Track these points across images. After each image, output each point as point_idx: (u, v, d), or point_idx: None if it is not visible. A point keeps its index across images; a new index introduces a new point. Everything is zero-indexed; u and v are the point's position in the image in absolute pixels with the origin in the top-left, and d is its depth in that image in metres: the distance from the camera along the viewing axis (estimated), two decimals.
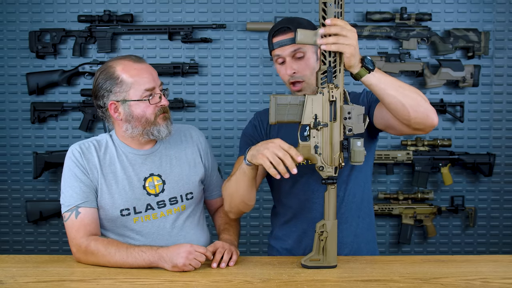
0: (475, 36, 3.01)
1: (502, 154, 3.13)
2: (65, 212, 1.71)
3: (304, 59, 1.74)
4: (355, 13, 3.09)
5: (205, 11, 3.10)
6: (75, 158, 1.73)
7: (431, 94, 3.10)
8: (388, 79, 1.54)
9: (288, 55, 1.74)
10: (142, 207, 1.76)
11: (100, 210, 1.74)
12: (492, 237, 3.15)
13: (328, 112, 1.53)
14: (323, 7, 1.48)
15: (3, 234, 3.19)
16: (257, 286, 1.49)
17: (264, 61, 3.11)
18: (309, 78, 1.75)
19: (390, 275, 1.56)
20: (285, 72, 1.76)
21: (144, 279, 1.53)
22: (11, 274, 1.57)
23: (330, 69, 1.52)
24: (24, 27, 3.11)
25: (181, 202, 1.81)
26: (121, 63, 1.72)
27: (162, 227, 1.78)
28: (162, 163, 1.80)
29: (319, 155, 1.54)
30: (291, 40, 1.72)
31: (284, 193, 1.84)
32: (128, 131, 1.74)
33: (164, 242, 1.76)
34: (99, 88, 1.73)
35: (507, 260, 1.73)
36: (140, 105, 1.71)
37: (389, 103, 1.54)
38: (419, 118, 1.55)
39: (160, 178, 1.78)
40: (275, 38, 1.76)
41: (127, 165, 1.76)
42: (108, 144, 1.78)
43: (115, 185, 1.74)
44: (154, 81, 1.73)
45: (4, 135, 3.15)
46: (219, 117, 3.13)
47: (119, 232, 1.77)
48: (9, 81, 3.14)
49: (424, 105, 1.55)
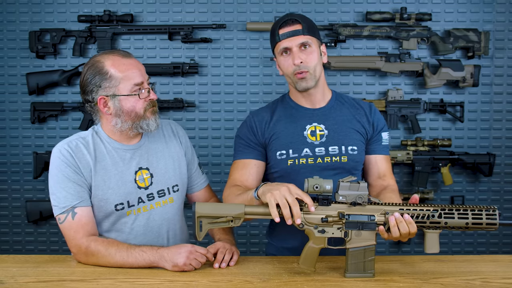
0: (475, 36, 3.00)
1: (502, 154, 3.13)
2: (59, 214, 1.69)
3: (309, 51, 1.77)
4: (355, 13, 3.09)
5: (205, 11, 3.10)
6: (65, 158, 1.71)
7: (431, 94, 3.10)
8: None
9: (296, 45, 1.76)
10: (135, 200, 1.77)
11: (95, 207, 1.74)
12: (492, 237, 3.15)
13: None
14: None
15: (3, 234, 3.19)
16: (257, 286, 1.49)
17: (264, 61, 3.11)
18: (314, 69, 1.78)
19: (390, 275, 1.56)
20: (291, 63, 1.77)
21: (144, 279, 1.53)
22: (11, 274, 1.57)
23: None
24: (24, 27, 3.11)
25: (169, 195, 1.83)
26: (110, 58, 1.73)
27: (152, 219, 1.80)
28: (149, 156, 1.82)
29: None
30: (299, 32, 1.75)
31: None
32: (118, 125, 1.75)
33: (154, 235, 1.79)
34: (87, 83, 1.73)
35: (507, 260, 1.73)
36: (129, 99, 1.72)
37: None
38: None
39: (148, 171, 1.80)
40: (282, 30, 1.77)
41: (118, 160, 1.77)
42: (95, 141, 1.77)
43: (108, 180, 1.74)
44: (143, 76, 1.75)
45: (4, 135, 3.15)
46: (219, 117, 3.13)
47: (112, 229, 1.77)
48: (9, 81, 3.14)
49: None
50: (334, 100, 1.90)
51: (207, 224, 1.56)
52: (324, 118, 1.85)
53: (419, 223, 1.52)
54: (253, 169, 1.85)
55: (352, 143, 1.83)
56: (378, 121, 1.89)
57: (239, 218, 1.55)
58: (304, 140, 1.82)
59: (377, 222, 1.53)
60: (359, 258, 1.53)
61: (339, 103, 1.90)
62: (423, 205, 1.54)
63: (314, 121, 1.85)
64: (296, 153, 1.81)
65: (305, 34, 1.76)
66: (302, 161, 1.81)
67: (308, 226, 1.55)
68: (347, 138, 1.83)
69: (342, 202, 1.53)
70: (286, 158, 1.82)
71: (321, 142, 1.82)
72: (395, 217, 1.50)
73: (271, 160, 1.85)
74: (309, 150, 1.81)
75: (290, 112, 1.87)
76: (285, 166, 1.82)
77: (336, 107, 1.88)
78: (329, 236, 1.55)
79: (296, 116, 1.86)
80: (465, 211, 1.52)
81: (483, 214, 1.51)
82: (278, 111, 1.89)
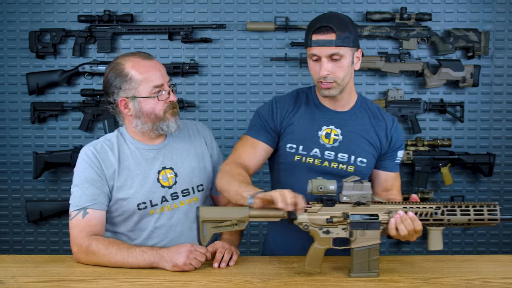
0: (475, 36, 3.00)
1: (502, 154, 3.13)
2: (72, 211, 1.72)
3: (339, 62, 1.71)
4: (355, 13, 3.08)
5: (205, 11, 3.10)
6: (89, 159, 1.74)
7: (431, 94, 3.10)
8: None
9: (326, 55, 1.70)
10: (158, 199, 1.79)
11: (118, 208, 1.76)
12: (492, 237, 3.14)
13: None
14: None
15: (3, 234, 3.19)
16: (257, 286, 1.49)
17: (264, 61, 3.11)
18: (341, 80, 1.73)
19: (390, 275, 1.57)
20: (318, 71, 1.73)
21: (144, 279, 1.53)
22: (11, 274, 1.57)
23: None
24: (24, 27, 3.11)
25: (193, 194, 1.84)
26: (131, 60, 1.75)
27: (176, 218, 1.81)
28: (173, 156, 1.84)
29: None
30: (331, 42, 1.68)
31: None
32: (138, 126, 1.78)
33: (178, 233, 1.80)
34: (109, 85, 1.76)
35: (507, 260, 1.73)
36: (149, 101, 1.74)
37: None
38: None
39: (173, 171, 1.82)
40: (315, 36, 1.70)
41: (141, 160, 1.79)
42: (119, 142, 1.81)
43: (131, 180, 1.76)
44: (163, 77, 1.76)
45: (4, 135, 3.15)
46: (219, 117, 3.13)
47: (135, 228, 1.79)
48: (9, 81, 3.14)
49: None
50: (358, 107, 1.85)
51: (212, 228, 1.56)
52: (343, 123, 1.81)
53: (423, 221, 1.54)
54: (259, 152, 1.83)
55: (363, 155, 1.80)
56: (397, 138, 1.85)
57: (243, 222, 1.55)
58: (317, 140, 1.80)
59: (381, 221, 1.53)
60: (363, 258, 1.54)
61: (362, 110, 1.85)
62: (425, 203, 1.56)
63: (332, 124, 1.81)
64: (306, 150, 1.80)
65: (338, 45, 1.68)
66: (309, 160, 1.79)
67: (313, 227, 1.55)
68: (359, 148, 1.80)
69: (346, 202, 1.54)
70: (294, 152, 1.80)
71: (333, 146, 1.80)
72: (399, 215, 1.51)
73: (281, 150, 1.83)
74: (318, 151, 1.79)
75: (311, 109, 1.84)
76: (291, 160, 1.81)
77: (357, 114, 1.84)
78: (334, 236, 1.55)
79: (316, 114, 1.83)
80: (467, 207, 1.55)
81: (484, 210, 1.55)
82: (301, 104, 1.85)
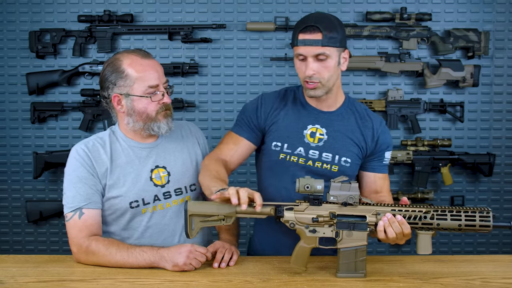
0: (475, 36, 3.01)
1: (502, 154, 3.13)
2: (68, 213, 1.71)
3: (325, 62, 1.70)
4: (355, 13, 3.09)
5: (205, 11, 3.10)
6: (81, 158, 1.73)
7: (431, 94, 3.10)
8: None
9: (311, 55, 1.69)
10: (150, 198, 1.78)
11: (110, 206, 1.75)
12: (492, 237, 3.15)
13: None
14: None
15: (3, 234, 3.19)
16: (257, 286, 1.49)
17: (264, 61, 3.11)
18: (326, 80, 1.73)
19: (390, 275, 1.57)
20: (304, 70, 1.72)
21: (144, 279, 1.53)
22: (11, 274, 1.57)
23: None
24: (24, 27, 3.11)
25: (186, 193, 1.84)
26: (129, 57, 1.74)
27: (169, 217, 1.80)
28: (166, 155, 1.83)
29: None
30: (317, 42, 1.68)
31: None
32: (130, 124, 1.77)
33: (171, 233, 1.79)
34: (104, 79, 1.76)
35: (507, 260, 1.73)
36: (142, 101, 1.73)
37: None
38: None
39: (165, 170, 1.81)
40: (302, 35, 1.70)
41: (133, 158, 1.78)
42: (111, 140, 1.79)
43: (123, 178, 1.75)
44: (159, 78, 1.75)
45: (4, 135, 3.15)
46: (219, 117, 3.13)
47: (128, 227, 1.78)
48: (9, 81, 3.14)
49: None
50: (345, 107, 1.85)
51: (199, 222, 1.57)
52: (328, 123, 1.81)
53: (411, 224, 1.51)
54: (241, 149, 1.85)
55: (347, 155, 1.80)
56: (384, 139, 1.84)
57: (230, 217, 1.56)
58: (301, 138, 1.80)
59: (368, 222, 1.52)
60: (350, 258, 1.53)
61: (349, 111, 1.84)
62: (415, 206, 1.53)
63: (317, 123, 1.81)
64: (290, 149, 1.79)
65: (324, 45, 1.67)
66: (294, 159, 1.79)
67: (299, 226, 1.54)
68: (344, 148, 1.80)
69: (333, 202, 1.53)
70: (279, 150, 1.80)
71: (317, 145, 1.79)
72: (387, 218, 1.50)
73: (266, 148, 1.84)
74: (303, 150, 1.79)
75: (298, 108, 1.84)
76: (276, 158, 1.81)
77: (344, 115, 1.83)
78: (320, 236, 1.54)
79: (302, 112, 1.83)
80: (458, 212, 1.50)
81: (476, 216, 1.49)
82: (287, 102, 1.85)
